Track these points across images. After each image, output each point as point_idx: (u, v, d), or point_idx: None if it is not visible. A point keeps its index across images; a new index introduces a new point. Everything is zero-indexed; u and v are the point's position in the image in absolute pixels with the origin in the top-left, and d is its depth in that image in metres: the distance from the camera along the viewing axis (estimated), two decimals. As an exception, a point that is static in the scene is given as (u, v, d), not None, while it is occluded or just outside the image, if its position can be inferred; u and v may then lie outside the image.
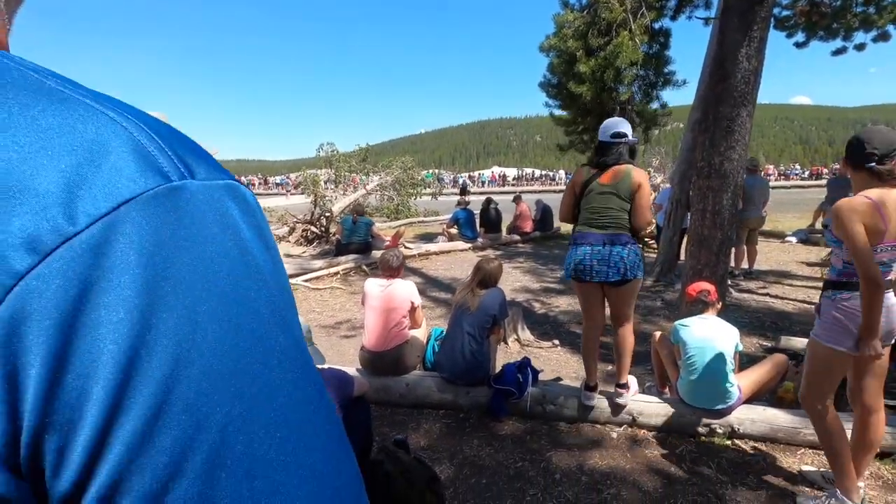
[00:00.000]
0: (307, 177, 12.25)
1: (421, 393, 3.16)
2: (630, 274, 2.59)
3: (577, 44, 4.28)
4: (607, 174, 2.68)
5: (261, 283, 0.25)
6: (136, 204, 0.22)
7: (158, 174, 0.23)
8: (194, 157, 0.26)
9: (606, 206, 2.65)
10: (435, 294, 6.27)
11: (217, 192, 0.25)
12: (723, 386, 2.69)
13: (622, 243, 2.61)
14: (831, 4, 5.10)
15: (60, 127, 0.22)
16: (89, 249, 0.21)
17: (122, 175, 0.22)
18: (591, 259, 2.63)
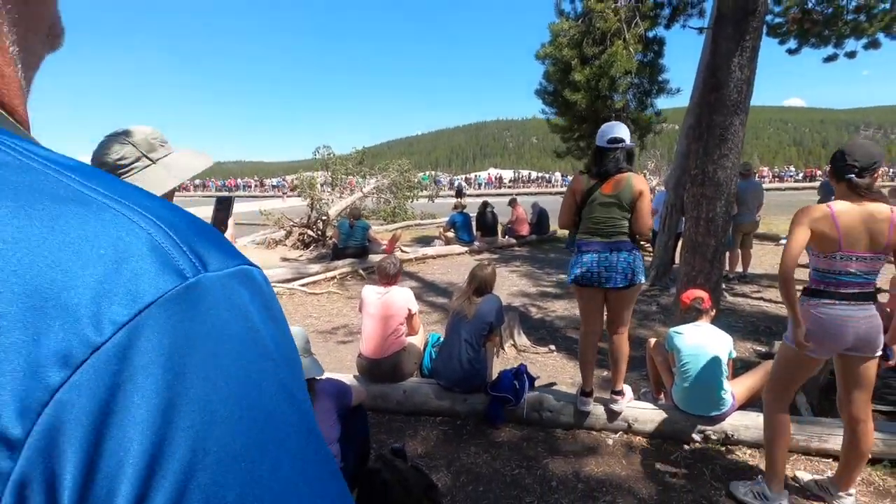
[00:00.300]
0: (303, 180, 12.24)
1: (418, 400, 3.18)
2: (636, 279, 2.67)
3: (572, 52, 4.32)
4: (608, 184, 2.69)
5: (269, 362, 0.27)
6: (156, 307, 0.24)
7: (175, 273, 0.25)
8: (206, 244, 0.28)
9: (609, 216, 2.69)
10: (432, 299, 6.28)
11: (229, 280, 0.27)
12: (717, 393, 2.73)
13: (627, 249, 2.68)
14: (823, 12, 5.16)
15: (83, 235, 0.24)
16: (115, 356, 0.22)
17: (142, 279, 0.24)
18: (597, 266, 2.68)
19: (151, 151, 1.26)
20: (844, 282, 2.06)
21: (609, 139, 2.71)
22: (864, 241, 2.01)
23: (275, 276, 6.80)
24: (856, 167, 2.02)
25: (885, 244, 2.00)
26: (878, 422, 2.89)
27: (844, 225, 2.01)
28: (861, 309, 2.06)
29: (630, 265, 2.66)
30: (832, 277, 2.09)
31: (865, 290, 2.07)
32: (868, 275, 2.06)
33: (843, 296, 2.06)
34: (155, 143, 1.27)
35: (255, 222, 14.20)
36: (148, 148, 1.25)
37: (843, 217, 2.02)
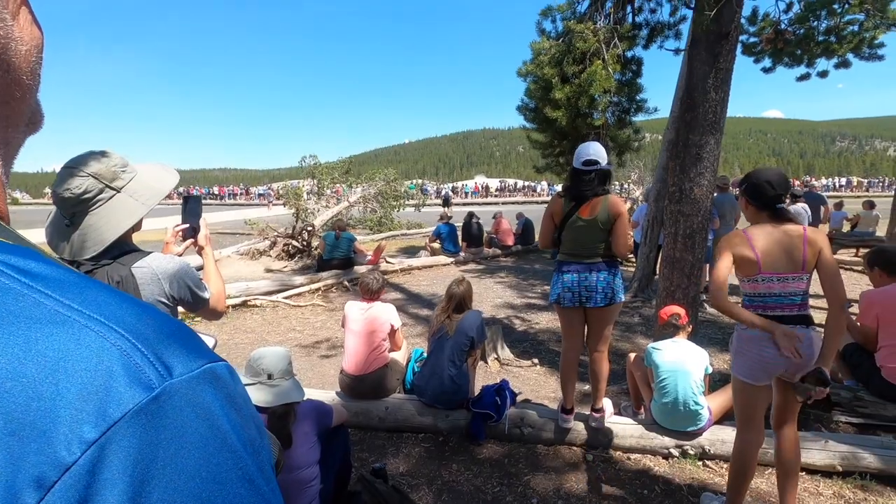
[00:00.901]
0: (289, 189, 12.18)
1: (400, 417, 3.18)
2: (616, 298, 2.70)
3: (552, 71, 4.41)
4: (586, 208, 2.71)
5: (230, 454, 0.29)
6: (123, 422, 0.26)
7: (143, 387, 0.27)
8: (172, 348, 0.30)
9: (588, 238, 2.71)
10: (416, 311, 6.29)
11: (193, 383, 0.29)
12: (693, 408, 2.78)
13: (606, 270, 2.71)
14: (795, 33, 5.34)
15: (58, 357, 0.26)
16: (84, 474, 0.24)
17: (111, 397, 0.26)
18: (578, 286, 2.71)
19: (114, 180, 1.23)
20: (771, 304, 2.10)
21: (584, 161, 2.72)
22: (782, 261, 2.07)
23: (258, 288, 6.74)
24: (781, 196, 2.12)
25: (801, 261, 2.04)
26: (849, 434, 2.98)
27: (761, 247, 2.08)
28: (807, 333, 2.05)
29: (610, 284, 2.69)
30: (759, 300, 2.13)
31: (794, 312, 2.08)
32: (794, 296, 2.08)
33: (772, 318, 2.08)
34: (117, 171, 1.23)
35: (240, 231, 14.09)
36: (111, 177, 1.22)
37: (759, 240, 2.09)
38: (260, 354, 2.02)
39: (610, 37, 4.12)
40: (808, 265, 2.06)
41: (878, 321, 3.12)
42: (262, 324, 5.83)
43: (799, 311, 2.09)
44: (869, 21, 5.14)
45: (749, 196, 2.17)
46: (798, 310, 2.09)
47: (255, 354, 2.03)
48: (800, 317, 2.09)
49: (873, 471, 2.63)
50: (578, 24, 4.19)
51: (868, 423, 3.13)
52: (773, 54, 5.63)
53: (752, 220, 2.21)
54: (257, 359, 2.00)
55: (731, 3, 3.29)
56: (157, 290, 1.32)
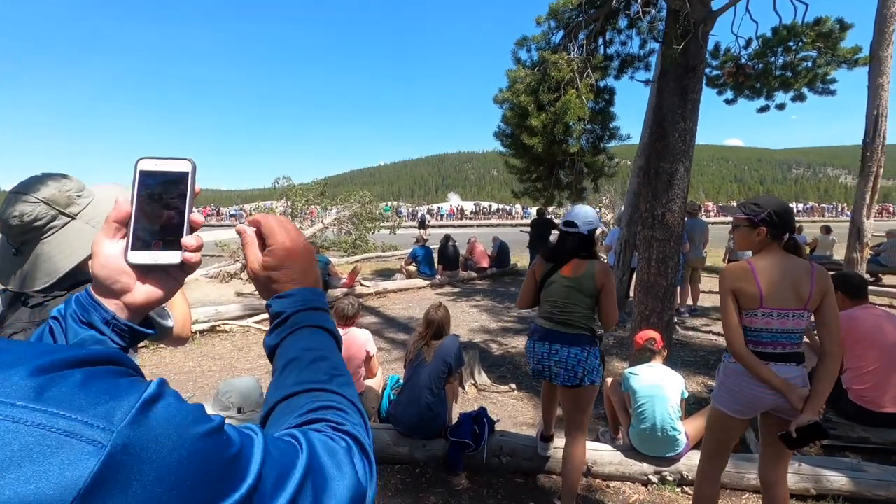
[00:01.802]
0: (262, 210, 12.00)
1: (376, 447, 3.04)
2: (587, 380, 2.45)
3: (528, 99, 4.52)
4: (568, 266, 2.57)
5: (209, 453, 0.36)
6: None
7: (85, 455, 0.30)
8: (100, 394, 0.33)
9: (568, 300, 2.54)
10: (392, 335, 6.18)
11: (141, 418, 0.33)
12: (671, 434, 2.78)
13: (581, 344, 2.48)
14: (755, 67, 5.63)
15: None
16: None
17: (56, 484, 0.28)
18: (548, 359, 2.52)
19: (69, 206, 1.13)
20: (764, 341, 2.00)
21: (565, 222, 2.63)
22: (786, 296, 1.97)
23: (228, 312, 6.54)
24: (794, 227, 2.08)
25: (805, 298, 1.96)
26: (821, 457, 3.03)
27: (765, 280, 1.99)
28: (782, 369, 1.98)
29: (581, 363, 2.45)
30: (753, 335, 2.02)
31: (787, 350, 2.00)
32: (791, 334, 2.00)
33: (762, 355, 1.99)
34: (72, 196, 1.14)
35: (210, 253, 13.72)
36: (65, 203, 1.12)
37: (764, 272, 1.99)
38: (228, 387, 1.93)
39: (583, 67, 4.26)
40: (813, 302, 1.96)
41: (843, 344, 3.21)
42: (231, 350, 5.62)
43: (792, 350, 2.01)
44: (821, 58, 5.47)
45: (772, 225, 2.03)
46: (791, 348, 2.01)
47: (223, 387, 1.94)
48: (794, 354, 2.01)
49: (846, 493, 2.66)
50: (553, 55, 4.33)
51: (836, 444, 3.20)
52: (734, 87, 5.91)
53: (758, 249, 2.08)
54: (225, 392, 1.91)
55: (698, 38, 3.45)
56: None
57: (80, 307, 0.55)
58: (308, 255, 0.66)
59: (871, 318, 3.20)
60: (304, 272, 0.65)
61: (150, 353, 5.36)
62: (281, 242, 0.64)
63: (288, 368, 0.57)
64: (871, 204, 5.30)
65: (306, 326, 0.61)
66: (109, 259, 0.55)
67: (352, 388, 0.59)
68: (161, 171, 0.56)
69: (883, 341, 3.10)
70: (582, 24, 4.72)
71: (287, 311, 0.61)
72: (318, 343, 0.60)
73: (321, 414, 0.53)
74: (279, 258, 0.63)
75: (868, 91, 5.38)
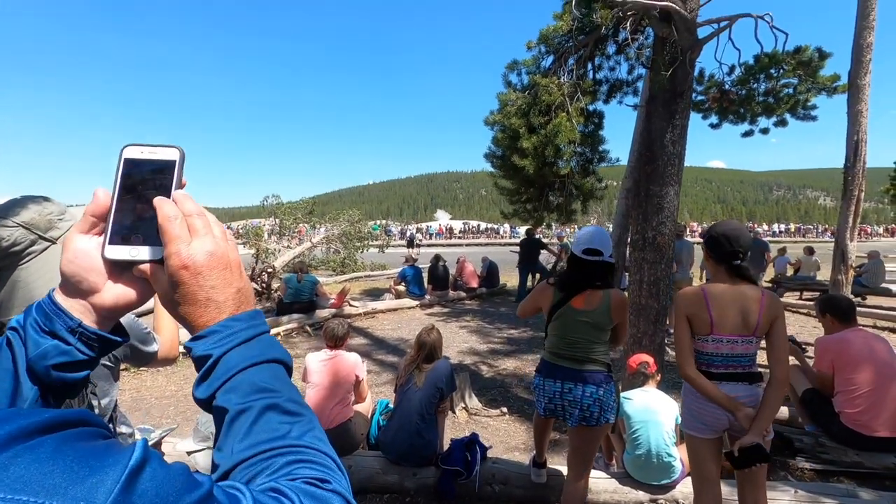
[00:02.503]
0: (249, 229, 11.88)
1: (364, 476, 2.97)
2: (603, 419, 2.29)
3: (519, 121, 4.58)
4: (580, 297, 2.35)
5: None
6: None
7: None
8: (81, 475, 0.28)
9: (581, 336, 2.33)
10: (381, 357, 6.08)
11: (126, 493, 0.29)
12: (666, 460, 2.73)
13: (596, 382, 2.29)
14: (738, 93, 5.78)
15: None
16: None
17: None
18: (560, 398, 2.33)
19: (50, 230, 1.08)
20: (715, 364, 2.07)
21: (585, 250, 2.34)
22: (734, 322, 2.03)
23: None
24: (740, 253, 2.08)
25: (754, 325, 2.01)
26: (816, 483, 3.00)
27: (716, 307, 2.04)
28: (733, 388, 2.03)
29: (598, 401, 2.26)
30: (704, 358, 2.09)
31: (737, 370, 2.06)
32: (741, 357, 2.05)
33: (713, 375, 2.05)
34: (52, 220, 1.08)
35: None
36: (45, 227, 1.07)
37: (715, 299, 2.05)
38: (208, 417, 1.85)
39: (573, 91, 4.33)
40: (761, 329, 2.02)
41: (833, 367, 3.22)
42: (215, 372, 5.47)
43: (743, 370, 2.07)
44: (802, 85, 5.63)
45: (708, 249, 2.15)
46: (742, 369, 2.07)
47: (204, 417, 1.85)
48: (745, 374, 2.07)
49: (842, 520, 2.63)
50: (543, 79, 4.40)
51: (830, 469, 3.18)
52: (719, 112, 6.04)
53: (712, 273, 2.18)
54: (205, 422, 1.83)
55: (685, 65, 3.52)
56: None
57: (41, 315, 0.49)
58: (230, 265, 0.51)
59: (862, 340, 3.21)
60: (226, 287, 0.50)
61: (130, 376, 5.19)
62: (175, 251, 0.48)
63: (235, 426, 0.46)
64: (854, 226, 5.40)
65: (245, 368, 0.48)
66: (78, 254, 0.50)
67: (317, 431, 0.49)
68: (147, 160, 0.52)
69: (875, 363, 3.11)
70: (572, 50, 4.82)
71: (214, 354, 0.49)
72: (264, 381, 0.48)
73: (298, 470, 0.44)
74: (177, 275, 0.48)
75: (847, 117, 5.52)
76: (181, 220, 0.50)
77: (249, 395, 0.47)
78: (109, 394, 1.30)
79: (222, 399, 0.47)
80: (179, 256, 0.48)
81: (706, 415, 2.08)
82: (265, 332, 0.52)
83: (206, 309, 0.49)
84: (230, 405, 0.46)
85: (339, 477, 0.46)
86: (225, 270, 0.50)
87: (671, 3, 3.41)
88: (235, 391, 0.47)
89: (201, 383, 0.49)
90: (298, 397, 0.50)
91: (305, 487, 0.42)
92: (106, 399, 1.28)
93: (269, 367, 0.50)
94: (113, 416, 1.31)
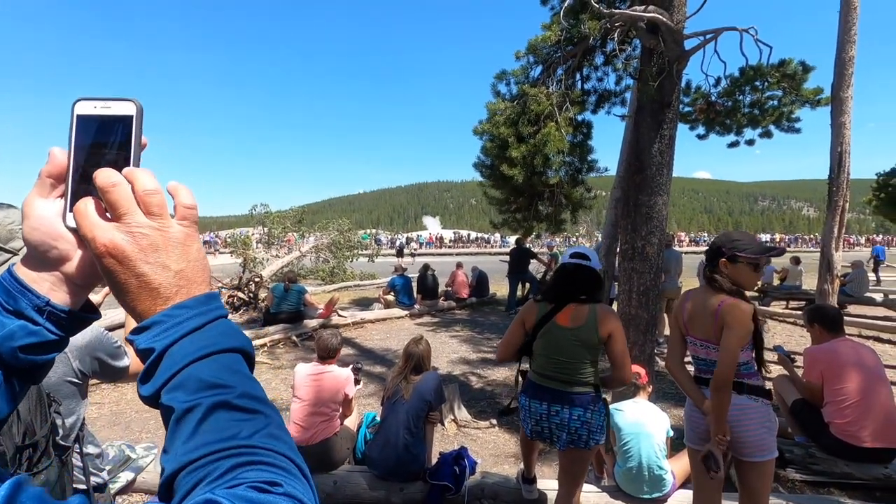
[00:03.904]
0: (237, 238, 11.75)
1: (350, 492, 2.89)
2: (592, 441, 2.21)
3: (508, 130, 4.58)
4: (565, 313, 2.25)
5: None
6: None
7: None
8: None
9: (565, 353, 2.23)
10: (369, 368, 5.99)
11: None
12: (658, 473, 2.69)
13: (584, 404, 2.19)
14: (724, 105, 5.85)
15: None
16: None
17: None
18: (547, 421, 2.24)
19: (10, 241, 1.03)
20: (700, 367, 2.16)
21: (573, 254, 2.32)
22: (701, 327, 2.10)
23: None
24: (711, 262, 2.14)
25: (712, 334, 2.03)
26: (807, 495, 2.97)
27: (689, 311, 2.15)
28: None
29: (586, 424, 2.18)
30: (694, 362, 2.20)
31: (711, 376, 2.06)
32: (712, 365, 2.04)
33: (700, 380, 2.13)
34: (13, 230, 1.03)
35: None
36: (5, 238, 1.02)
37: (690, 304, 2.15)
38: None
39: (562, 101, 4.35)
40: (719, 338, 2.01)
41: (823, 377, 3.21)
42: (198, 385, 5.34)
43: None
44: (786, 97, 5.72)
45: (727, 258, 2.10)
46: None
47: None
48: None
49: (834, 533, 2.60)
50: (532, 88, 4.42)
51: (820, 480, 3.16)
52: (705, 123, 6.11)
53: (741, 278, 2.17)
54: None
55: (672, 76, 3.55)
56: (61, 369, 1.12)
57: (3, 294, 0.45)
58: (166, 243, 0.45)
59: (850, 350, 3.22)
60: (162, 271, 0.44)
61: (111, 389, 5.04)
62: (91, 238, 0.43)
63: (181, 427, 0.40)
64: (839, 237, 5.46)
65: (195, 361, 0.43)
66: (42, 221, 0.45)
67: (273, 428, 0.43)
68: (101, 116, 0.47)
69: (863, 373, 3.11)
70: (560, 60, 4.85)
71: (157, 347, 0.43)
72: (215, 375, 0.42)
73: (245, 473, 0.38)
74: (102, 265, 0.43)
75: (831, 129, 5.61)
76: (91, 204, 0.44)
77: (197, 391, 0.41)
78: (76, 412, 1.23)
79: (167, 397, 0.42)
80: (96, 242, 0.43)
81: (702, 427, 2.08)
82: (219, 317, 0.46)
83: (141, 297, 0.44)
84: (176, 403, 0.41)
85: (293, 479, 0.40)
86: (157, 252, 0.44)
87: (658, 15, 3.44)
88: (182, 388, 0.42)
89: (146, 381, 0.43)
90: (257, 391, 0.44)
91: (247, 494, 0.36)
92: (72, 418, 1.21)
93: (222, 358, 0.44)
94: (80, 436, 1.24)
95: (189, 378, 0.42)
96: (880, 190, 13.36)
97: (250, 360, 0.47)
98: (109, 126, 0.47)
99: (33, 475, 0.92)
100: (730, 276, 2.05)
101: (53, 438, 0.98)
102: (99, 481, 1.34)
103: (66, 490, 1.02)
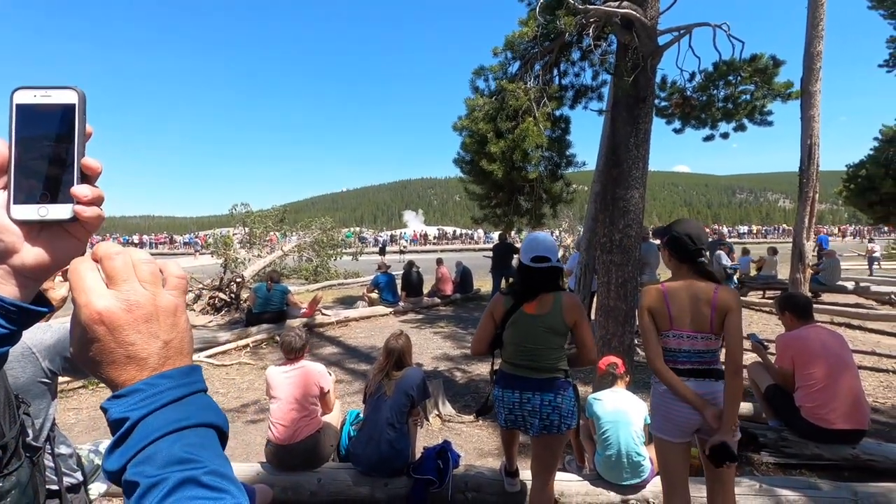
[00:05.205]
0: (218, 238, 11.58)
1: (334, 489, 2.90)
2: (564, 426, 2.25)
3: (487, 126, 4.61)
4: (532, 303, 2.31)
5: None
6: None
7: None
8: None
9: (536, 343, 2.28)
10: (353, 366, 5.98)
11: None
12: (636, 460, 2.75)
13: (554, 389, 2.25)
14: (699, 99, 5.96)
15: None
16: None
17: None
18: (520, 409, 2.28)
19: None
20: (680, 360, 2.11)
21: (534, 257, 2.32)
22: (691, 319, 2.07)
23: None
24: (701, 250, 2.14)
25: (708, 323, 2.05)
26: (780, 477, 3.07)
27: (674, 304, 2.09)
28: (699, 384, 2.06)
29: (557, 409, 2.22)
30: (669, 355, 2.13)
31: (702, 367, 2.09)
32: (703, 353, 2.08)
33: (680, 371, 2.08)
34: None
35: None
36: None
37: (674, 296, 2.10)
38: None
39: (540, 96, 4.40)
40: (716, 327, 2.06)
41: (794, 363, 3.32)
42: (179, 387, 5.27)
43: (708, 367, 2.10)
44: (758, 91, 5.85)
45: (670, 249, 2.18)
46: (707, 366, 2.10)
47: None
48: (708, 371, 2.10)
49: (805, 513, 2.69)
50: (510, 84, 4.45)
51: (792, 462, 3.27)
52: (681, 117, 6.22)
53: (673, 271, 2.20)
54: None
55: (647, 71, 3.61)
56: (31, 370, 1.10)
57: None
58: (157, 314, 0.44)
59: (818, 336, 3.32)
60: (151, 341, 0.43)
61: (90, 393, 4.95)
62: (85, 303, 0.42)
63: (145, 501, 0.38)
64: (810, 227, 5.62)
65: (166, 434, 0.41)
66: None
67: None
68: (42, 105, 0.46)
69: (828, 358, 3.22)
70: (537, 56, 4.88)
71: (132, 417, 0.41)
72: (187, 449, 0.40)
73: None
74: (90, 331, 0.42)
75: (801, 122, 5.76)
76: (92, 268, 0.43)
77: (165, 466, 0.39)
78: (45, 412, 1.22)
79: (133, 471, 0.40)
80: (90, 308, 0.42)
81: (676, 416, 2.08)
82: (199, 391, 0.45)
83: (126, 367, 0.43)
84: (141, 479, 0.39)
85: None
86: (149, 322, 0.43)
87: (632, 11, 3.49)
88: (150, 461, 0.40)
89: (113, 451, 0.41)
90: (227, 470, 0.42)
91: None
92: (41, 418, 1.19)
93: (196, 433, 0.42)
94: (50, 436, 1.23)
95: (159, 451, 0.40)
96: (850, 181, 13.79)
97: (224, 437, 0.46)
98: (51, 115, 0.46)
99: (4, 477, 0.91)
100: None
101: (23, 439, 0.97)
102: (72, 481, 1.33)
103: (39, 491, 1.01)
